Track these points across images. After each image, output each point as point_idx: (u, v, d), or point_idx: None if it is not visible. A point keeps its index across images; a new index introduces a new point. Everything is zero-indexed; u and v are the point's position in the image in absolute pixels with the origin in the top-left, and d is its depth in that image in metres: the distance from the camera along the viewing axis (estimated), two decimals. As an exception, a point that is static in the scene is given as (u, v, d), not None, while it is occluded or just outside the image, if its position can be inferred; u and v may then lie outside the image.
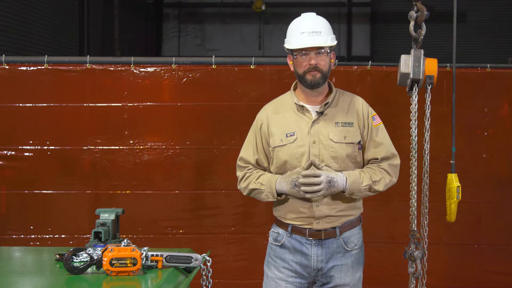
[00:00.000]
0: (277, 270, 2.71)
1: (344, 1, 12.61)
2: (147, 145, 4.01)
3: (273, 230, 2.76)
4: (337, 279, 2.66)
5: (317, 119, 2.64)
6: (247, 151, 2.75)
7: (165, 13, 13.16)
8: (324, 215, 2.61)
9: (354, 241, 2.70)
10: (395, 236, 4.03)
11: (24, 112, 3.98)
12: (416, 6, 2.85)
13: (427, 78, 2.88)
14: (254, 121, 2.78)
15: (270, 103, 2.79)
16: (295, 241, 2.66)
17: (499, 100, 4.15)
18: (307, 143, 2.61)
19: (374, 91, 4.06)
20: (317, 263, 2.65)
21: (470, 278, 4.12)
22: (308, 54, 2.59)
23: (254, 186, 2.68)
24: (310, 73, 2.59)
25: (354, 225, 2.70)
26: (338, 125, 2.64)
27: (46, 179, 4.00)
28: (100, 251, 2.21)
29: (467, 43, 10.77)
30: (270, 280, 2.74)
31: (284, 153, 2.63)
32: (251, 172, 2.72)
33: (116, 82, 4.00)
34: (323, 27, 2.62)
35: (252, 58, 4.01)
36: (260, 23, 12.69)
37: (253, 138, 2.75)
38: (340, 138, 2.61)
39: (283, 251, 2.70)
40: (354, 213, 2.70)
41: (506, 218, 4.13)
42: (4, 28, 7.47)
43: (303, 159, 2.60)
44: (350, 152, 2.62)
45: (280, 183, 2.60)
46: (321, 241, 2.64)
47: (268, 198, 2.65)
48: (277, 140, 2.65)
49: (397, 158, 2.71)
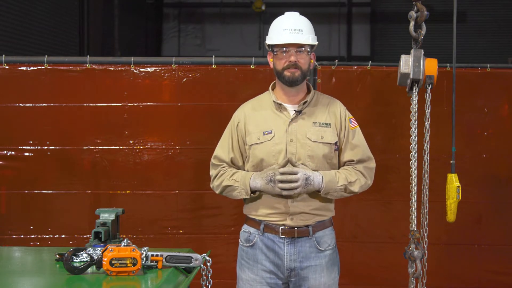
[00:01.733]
0: (251, 272, 2.69)
1: (344, 1, 12.59)
2: (147, 145, 4.01)
3: (244, 230, 2.75)
4: (312, 280, 2.65)
5: (295, 118, 2.65)
6: (222, 150, 2.75)
7: (165, 13, 13.16)
8: (299, 211, 2.61)
9: (327, 241, 2.70)
10: (395, 236, 4.02)
11: (24, 112, 3.98)
12: (416, 6, 2.85)
13: (427, 78, 2.88)
14: (231, 120, 2.79)
15: (247, 102, 2.81)
16: (267, 240, 2.65)
17: (499, 100, 4.15)
18: (284, 141, 2.62)
19: (374, 91, 4.06)
20: (290, 262, 2.64)
21: (470, 278, 4.12)
22: (289, 51, 2.61)
23: (227, 183, 2.68)
24: (289, 70, 2.61)
25: (326, 226, 2.71)
26: (315, 125, 2.65)
27: (46, 179, 4.00)
28: (100, 251, 2.22)
29: (467, 43, 10.75)
30: (244, 283, 2.72)
31: (261, 151, 2.64)
32: (225, 170, 2.72)
33: (116, 82, 4.00)
34: (305, 26, 2.64)
35: (252, 58, 4.01)
36: (260, 23, 12.67)
37: (228, 137, 2.75)
38: (317, 138, 2.63)
39: (255, 251, 2.68)
40: (327, 214, 2.70)
41: (506, 218, 4.13)
42: (4, 28, 7.47)
43: (280, 157, 2.61)
44: (327, 152, 2.64)
45: (255, 179, 2.60)
46: (294, 239, 2.63)
47: (241, 195, 2.65)
48: (254, 138, 2.66)
49: (373, 162, 2.73)
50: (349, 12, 12.63)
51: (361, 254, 4.10)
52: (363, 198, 4.09)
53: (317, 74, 4.01)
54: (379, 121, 4.07)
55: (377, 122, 4.06)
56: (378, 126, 4.06)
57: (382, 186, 4.00)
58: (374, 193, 4.08)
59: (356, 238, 4.08)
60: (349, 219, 4.01)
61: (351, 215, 4.03)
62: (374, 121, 4.02)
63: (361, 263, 4.10)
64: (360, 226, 4.10)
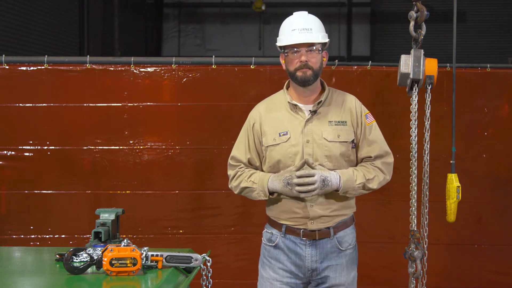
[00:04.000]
0: (272, 270, 2.71)
1: (344, 1, 12.60)
2: (147, 145, 4.01)
3: (266, 231, 2.76)
4: (332, 279, 2.66)
5: (311, 118, 2.64)
6: (239, 150, 2.74)
7: (165, 13, 13.16)
8: (318, 215, 2.61)
9: (348, 240, 2.71)
10: (395, 236, 4.03)
11: (24, 112, 3.98)
12: (416, 6, 2.85)
13: (427, 78, 2.88)
14: (246, 120, 2.77)
15: (262, 102, 2.79)
16: (289, 242, 2.66)
17: (499, 100, 4.15)
18: (300, 142, 2.61)
19: (374, 91, 4.06)
20: (312, 263, 2.65)
21: (470, 278, 4.12)
22: (299, 51, 2.58)
23: (245, 185, 2.67)
24: (301, 70, 2.59)
25: (347, 225, 2.71)
26: (331, 123, 2.64)
27: (46, 179, 4.00)
28: (100, 251, 2.21)
29: (467, 43, 10.76)
30: (265, 280, 2.73)
31: (277, 152, 2.63)
32: (242, 170, 2.71)
33: (116, 82, 4.00)
34: (314, 24, 2.62)
35: (252, 58, 4.01)
36: (260, 23, 12.68)
37: (245, 137, 2.74)
38: (334, 137, 2.61)
39: (277, 251, 2.69)
40: (348, 213, 2.70)
41: (506, 218, 4.13)
42: (4, 28, 7.47)
43: (296, 158, 2.60)
44: (344, 151, 2.62)
45: (273, 182, 2.59)
46: (315, 241, 2.64)
47: (260, 197, 2.65)
48: (270, 139, 2.65)
49: (391, 156, 2.71)
50: (349, 12, 12.63)
51: (361, 254, 4.06)
52: (363, 198, 4.05)
53: (317, 74, 4.00)
54: (379, 121, 4.02)
55: (377, 122, 4.04)
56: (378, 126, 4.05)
57: (382, 186, 3.99)
58: (374, 193, 4.04)
59: (356, 238, 4.07)
60: (349, 219, 4.01)
61: (351, 215, 4.02)
62: (374, 121, 4.02)
63: (361, 263, 4.06)
64: (360, 226, 4.06)
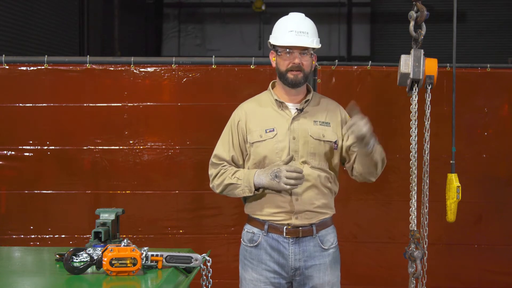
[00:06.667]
0: (255, 272, 2.70)
1: (344, 1, 12.59)
2: (147, 145, 4.01)
3: (247, 231, 2.74)
4: (316, 278, 2.67)
5: (297, 116, 2.68)
6: (222, 148, 2.75)
7: (165, 13, 13.16)
8: (304, 210, 2.63)
9: (330, 240, 2.73)
10: (395, 236, 4.03)
11: (24, 112, 3.98)
12: (416, 6, 2.85)
13: (427, 78, 2.88)
14: (230, 118, 2.80)
15: (247, 101, 2.83)
16: (272, 240, 2.66)
17: (499, 100, 4.15)
18: (287, 139, 2.64)
19: (374, 91, 4.06)
20: (295, 262, 2.66)
21: (470, 278, 4.12)
22: (293, 52, 2.63)
23: (229, 181, 2.67)
24: (293, 72, 2.64)
25: (328, 225, 2.73)
26: (316, 123, 2.69)
27: (46, 179, 3.99)
28: (100, 251, 2.21)
29: (467, 43, 10.76)
30: (248, 283, 2.72)
31: (264, 148, 2.65)
32: (225, 169, 2.72)
33: (116, 82, 4.00)
34: (310, 28, 2.67)
35: (252, 58, 4.01)
36: (260, 23, 12.68)
37: (228, 135, 2.76)
38: (319, 136, 2.67)
39: (258, 252, 2.69)
40: (328, 212, 2.72)
41: (506, 218, 4.13)
42: (4, 28, 7.47)
43: (283, 154, 2.63)
44: (328, 150, 2.68)
45: (259, 176, 2.60)
46: (299, 239, 2.65)
47: (244, 193, 2.64)
48: (256, 135, 2.67)
49: None
50: (349, 12, 12.63)
51: (361, 254, 4.10)
52: (363, 198, 4.10)
53: (317, 74, 4.01)
54: (379, 121, 4.05)
55: (377, 122, 4.01)
56: (378, 126, 4.02)
57: (382, 186, 4.00)
58: (374, 193, 4.09)
59: (356, 238, 4.08)
60: (349, 219, 4.01)
61: (351, 215, 4.03)
62: (374, 121, 3.98)
63: (361, 263, 4.10)
64: (360, 226, 4.10)
